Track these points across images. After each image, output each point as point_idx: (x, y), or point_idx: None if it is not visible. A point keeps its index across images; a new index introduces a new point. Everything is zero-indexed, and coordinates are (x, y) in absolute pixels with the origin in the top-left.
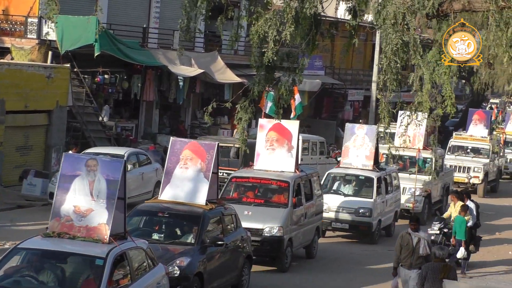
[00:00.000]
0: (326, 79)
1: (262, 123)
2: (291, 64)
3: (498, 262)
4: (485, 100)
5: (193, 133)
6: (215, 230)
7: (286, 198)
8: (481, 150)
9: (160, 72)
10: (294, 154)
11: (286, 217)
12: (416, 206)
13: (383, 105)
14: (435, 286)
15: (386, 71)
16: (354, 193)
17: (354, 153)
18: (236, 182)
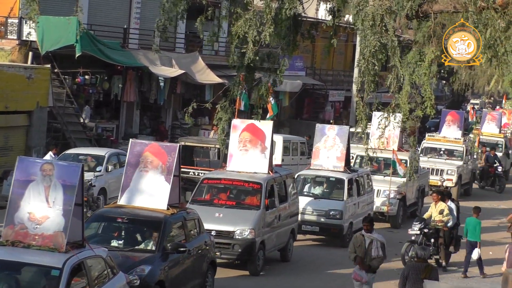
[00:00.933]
0: (307, 79)
1: (235, 123)
2: (271, 65)
3: None
4: (465, 101)
5: (174, 133)
6: (177, 236)
7: (259, 200)
8: (455, 152)
9: (141, 73)
10: (268, 155)
11: (258, 220)
12: (390, 209)
13: (361, 107)
14: (416, 286)
15: (364, 73)
16: (324, 195)
17: (325, 154)
18: (208, 183)
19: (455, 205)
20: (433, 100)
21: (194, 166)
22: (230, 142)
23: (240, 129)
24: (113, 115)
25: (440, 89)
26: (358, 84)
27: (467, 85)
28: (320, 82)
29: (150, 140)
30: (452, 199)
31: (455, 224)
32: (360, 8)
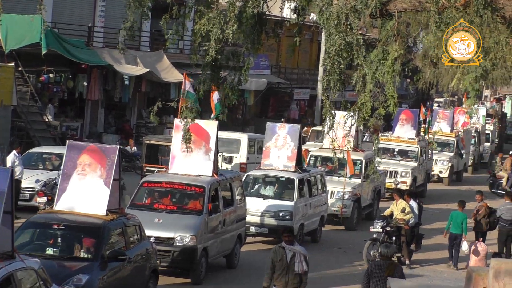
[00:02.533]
0: (272, 78)
1: (178, 123)
2: (236, 63)
3: (442, 260)
4: (429, 99)
5: (138, 132)
6: (117, 243)
7: (201, 204)
8: (409, 152)
9: (106, 71)
10: (212, 157)
11: (200, 225)
12: (344, 210)
13: (327, 106)
14: (380, 283)
15: (330, 72)
16: (274, 195)
17: (276, 153)
18: (148, 187)
19: (417, 204)
20: (396, 98)
21: (159, 164)
22: (172, 143)
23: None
24: (77, 114)
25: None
26: (324, 83)
27: (432, 84)
28: (285, 81)
29: (115, 138)
30: (415, 199)
31: (416, 223)
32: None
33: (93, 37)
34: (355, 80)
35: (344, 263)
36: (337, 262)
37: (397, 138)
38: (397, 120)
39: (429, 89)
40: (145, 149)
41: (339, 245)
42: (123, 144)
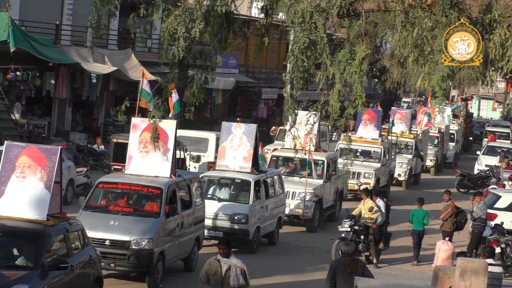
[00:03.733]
0: (240, 77)
1: (135, 122)
2: (204, 62)
3: (409, 259)
4: (397, 99)
5: (106, 130)
6: (59, 250)
7: (159, 206)
8: (372, 153)
9: (73, 69)
10: (171, 157)
11: (156, 228)
12: (306, 212)
13: (289, 103)
14: (345, 280)
15: (293, 70)
16: (230, 197)
17: (231, 154)
18: (104, 188)
19: (384, 202)
20: (364, 97)
21: None
22: (129, 143)
23: (140, 129)
24: (45, 112)
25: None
26: (288, 80)
27: (399, 84)
28: (253, 80)
29: (83, 137)
30: (382, 197)
31: (384, 222)
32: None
33: (60, 35)
34: (318, 78)
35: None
36: (308, 262)
37: (360, 139)
38: (360, 120)
39: (396, 89)
40: (112, 147)
41: (306, 244)
42: (91, 142)
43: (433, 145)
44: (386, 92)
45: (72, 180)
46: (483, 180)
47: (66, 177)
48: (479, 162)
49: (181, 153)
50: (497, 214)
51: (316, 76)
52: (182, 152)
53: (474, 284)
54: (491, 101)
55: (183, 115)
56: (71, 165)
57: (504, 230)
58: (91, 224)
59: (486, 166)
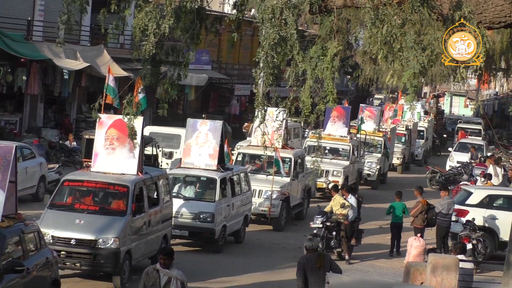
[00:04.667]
0: (213, 73)
1: (102, 119)
2: (176, 58)
3: (381, 255)
4: (369, 96)
5: (78, 127)
6: (14, 252)
7: (125, 204)
8: (341, 151)
9: (45, 65)
10: (137, 154)
11: (123, 227)
12: (272, 210)
13: (259, 100)
14: (315, 275)
15: (263, 66)
16: (195, 196)
17: (197, 151)
18: (69, 186)
19: (355, 199)
20: (335, 94)
21: None
22: (95, 140)
23: (106, 125)
24: (16, 108)
25: (345, 84)
26: (257, 76)
27: (372, 80)
28: (226, 76)
29: (54, 133)
30: (353, 194)
31: (356, 218)
32: (261, 2)
33: (32, 31)
34: (287, 74)
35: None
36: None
37: (329, 136)
38: (328, 117)
39: (369, 86)
40: (84, 144)
41: (277, 242)
42: (63, 139)
43: (400, 143)
44: (359, 88)
45: (43, 177)
46: (454, 176)
47: (37, 173)
48: (451, 159)
49: (154, 149)
50: (469, 210)
51: (286, 73)
52: (154, 148)
53: (445, 280)
54: (463, 98)
55: (156, 112)
56: (42, 161)
57: (475, 226)
58: (56, 223)
59: (458, 162)
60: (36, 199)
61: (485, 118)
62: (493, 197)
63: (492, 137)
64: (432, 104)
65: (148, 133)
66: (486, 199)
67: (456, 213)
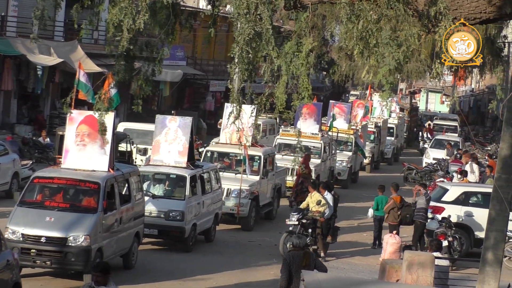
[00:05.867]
0: (188, 69)
1: (72, 115)
2: (150, 54)
3: (357, 252)
4: (345, 92)
5: (52, 123)
6: None
7: (96, 201)
8: (312, 149)
9: (19, 61)
10: (109, 151)
11: (94, 224)
12: (241, 209)
13: (234, 95)
14: (299, 273)
15: (238, 61)
16: (164, 193)
17: (166, 148)
18: (39, 183)
19: (332, 195)
20: (310, 90)
21: None
22: (66, 136)
23: (77, 121)
24: None
25: (321, 80)
26: (232, 72)
27: (347, 76)
28: (201, 72)
29: (28, 129)
30: (330, 190)
31: (332, 215)
32: None
33: (6, 26)
34: (263, 70)
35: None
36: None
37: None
38: (299, 114)
39: (345, 82)
40: (58, 140)
41: (254, 238)
42: (36, 135)
43: (369, 141)
44: (335, 85)
45: (17, 173)
46: (430, 173)
47: (11, 170)
48: (427, 155)
49: (128, 146)
50: (445, 207)
51: (262, 68)
52: (128, 145)
53: (421, 277)
54: (439, 94)
55: (130, 108)
56: (16, 158)
57: (451, 223)
58: (26, 220)
59: (434, 159)
60: (9, 196)
61: (461, 114)
62: (469, 194)
63: (468, 133)
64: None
65: (122, 129)
66: (462, 196)
67: (432, 210)
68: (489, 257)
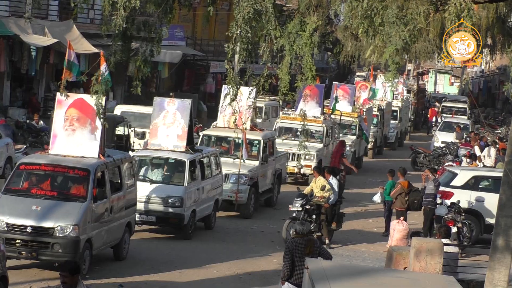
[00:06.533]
0: (187, 50)
1: (60, 98)
2: (148, 34)
3: (363, 239)
4: (351, 73)
5: (46, 106)
6: None
7: (86, 189)
8: (314, 133)
9: (12, 42)
10: (99, 136)
11: (83, 214)
12: (240, 196)
13: (231, 76)
14: (303, 260)
15: (236, 40)
16: (163, 179)
17: (164, 132)
18: (26, 169)
19: (337, 180)
20: (314, 71)
21: None
22: (54, 120)
23: (66, 105)
24: None
25: (326, 60)
26: (230, 51)
27: (353, 57)
28: (201, 53)
29: (22, 112)
30: (335, 175)
31: (337, 201)
32: None
33: None
34: (262, 50)
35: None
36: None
37: (301, 117)
38: (301, 96)
39: (350, 63)
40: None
41: (257, 225)
42: (30, 118)
43: (372, 125)
44: (340, 66)
45: (10, 158)
46: (438, 157)
47: (4, 154)
48: (435, 139)
49: (125, 129)
50: (454, 192)
51: (260, 48)
52: (126, 128)
53: (429, 265)
54: (448, 76)
55: (128, 90)
56: (9, 142)
57: (460, 209)
58: (11, 209)
59: (443, 142)
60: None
61: (471, 96)
62: (479, 178)
63: (478, 116)
64: (411, 81)
65: (120, 112)
66: (472, 180)
67: (440, 195)
68: (500, 243)
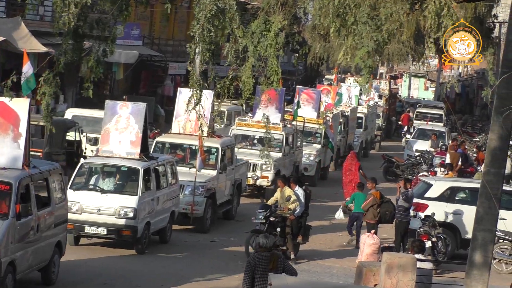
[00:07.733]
0: (144, 50)
1: None
2: (102, 33)
3: (330, 254)
4: (319, 76)
5: None
6: None
7: (7, 205)
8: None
9: None
10: (23, 145)
11: (4, 233)
12: (196, 209)
13: (194, 78)
14: (265, 278)
15: (199, 40)
16: (115, 188)
17: (117, 138)
18: None
19: (303, 190)
20: (279, 74)
21: None
22: None
23: None
24: None
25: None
26: (192, 52)
27: (322, 59)
28: (159, 53)
29: None
30: (301, 185)
31: (303, 213)
32: None
33: None
34: (226, 50)
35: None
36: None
37: (258, 124)
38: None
39: (318, 65)
40: None
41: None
42: None
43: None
44: (307, 68)
45: None
46: (412, 166)
47: None
48: (409, 147)
49: (77, 134)
50: (428, 204)
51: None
52: (77, 133)
53: (401, 282)
54: (423, 79)
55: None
56: None
57: (435, 222)
58: None
59: (417, 151)
60: None
61: (447, 102)
62: (455, 189)
63: (455, 123)
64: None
65: (71, 116)
66: (448, 192)
67: (414, 208)
68: (477, 259)
